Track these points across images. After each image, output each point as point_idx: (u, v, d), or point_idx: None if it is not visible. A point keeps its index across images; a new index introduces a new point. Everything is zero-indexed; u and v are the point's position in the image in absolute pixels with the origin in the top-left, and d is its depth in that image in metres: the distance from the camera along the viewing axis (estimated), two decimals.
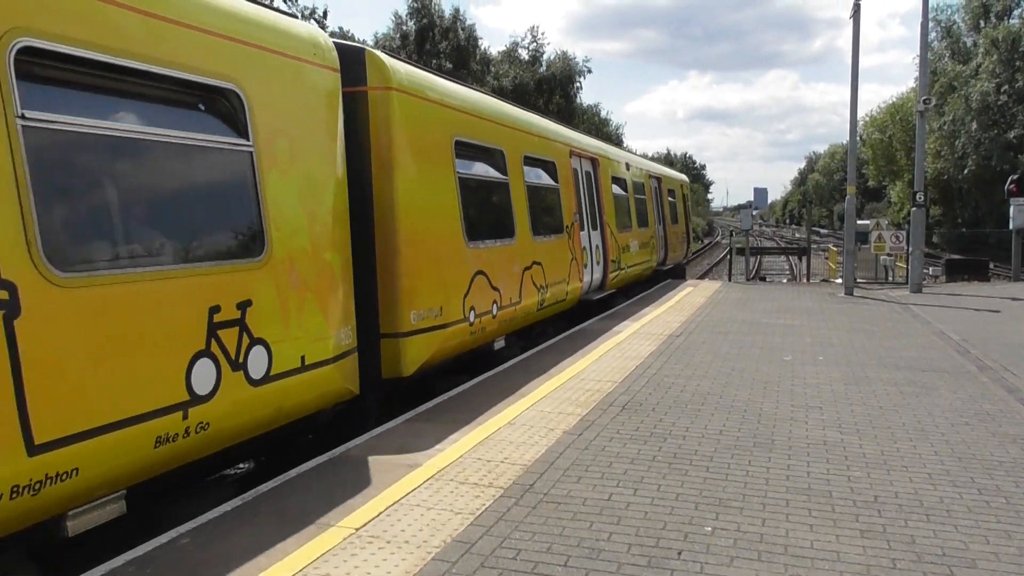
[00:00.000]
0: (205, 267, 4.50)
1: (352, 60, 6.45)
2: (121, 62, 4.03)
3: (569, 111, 46.06)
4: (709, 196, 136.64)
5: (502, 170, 9.27)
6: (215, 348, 4.49)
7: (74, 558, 4.08)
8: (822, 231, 79.36)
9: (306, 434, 5.96)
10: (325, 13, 29.10)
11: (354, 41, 6.35)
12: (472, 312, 7.93)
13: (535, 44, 48.05)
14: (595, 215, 13.36)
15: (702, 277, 28.30)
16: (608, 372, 7.79)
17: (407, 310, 6.80)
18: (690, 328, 10.74)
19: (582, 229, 12.29)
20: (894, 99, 53.50)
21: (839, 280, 18.79)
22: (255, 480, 5.19)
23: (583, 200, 12.66)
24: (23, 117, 3.51)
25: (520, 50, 47.92)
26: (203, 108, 4.72)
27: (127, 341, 3.95)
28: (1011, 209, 18.78)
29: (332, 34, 4.85)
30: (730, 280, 23.36)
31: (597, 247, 13.19)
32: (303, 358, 5.30)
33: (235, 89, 4.81)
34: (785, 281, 27.54)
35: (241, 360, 4.70)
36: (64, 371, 3.62)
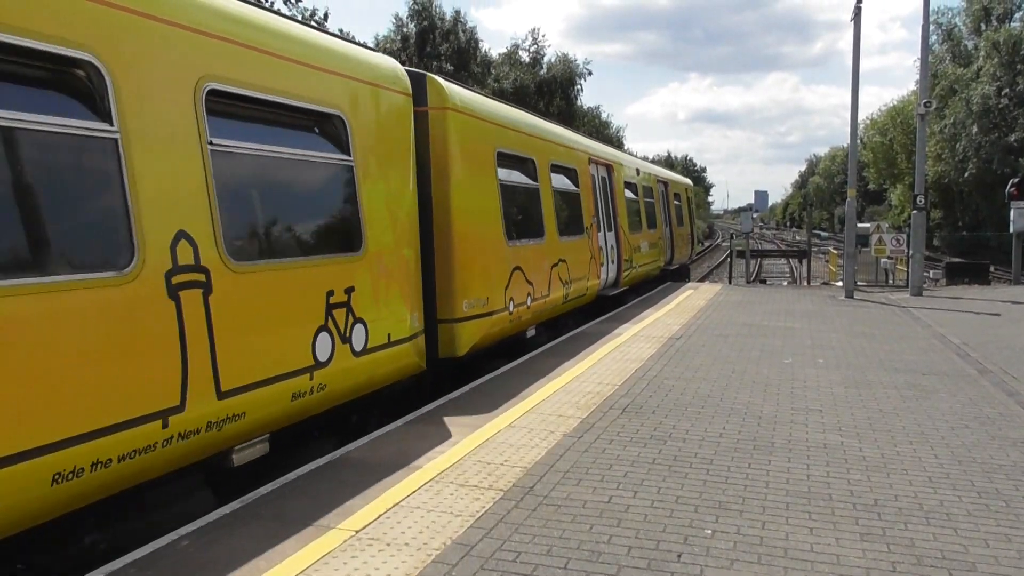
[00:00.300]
0: (324, 259, 5.64)
1: (415, 84, 7.33)
2: (270, 97, 5.16)
3: (570, 113, 46.08)
4: (710, 199, 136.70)
5: (533, 177, 10.23)
6: (331, 324, 5.59)
7: (75, 559, 4.09)
8: (822, 234, 79.39)
9: (357, 413, 6.59)
10: (326, 15, 29.21)
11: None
12: (511, 303, 8.95)
13: (536, 46, 48.08)
14: (610, 217, 14.25)
15: (703, 280, 28.30)
16: (608, 375, 7.79)
17: (461, 299, 7.81)
18: (690, 331, 10.75)
19: (599, 230, 13.14)
20: (895, 102, 53.55)
21: (839, 283, 18.79)
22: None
23: (600, 204, 13.52)
24: (211, 144, 4.61)
25: (521, 52, 47.96)
26: (317, 131, 5.82)
27: (275, 315, 5.06)
28: (1012, 212, 18.78)
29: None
30: (730, 283, 23.35)
31: (612, 247, 14.07)
32: (389, 335, 6.39)
33: (341, 115, 5.92)
34: (785, 284, 27.55)
35: (348, 335, 5.80)
36: (237, 336, 4.67)
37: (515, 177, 9.62)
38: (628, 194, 15.83)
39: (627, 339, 9.98)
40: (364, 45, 7.02)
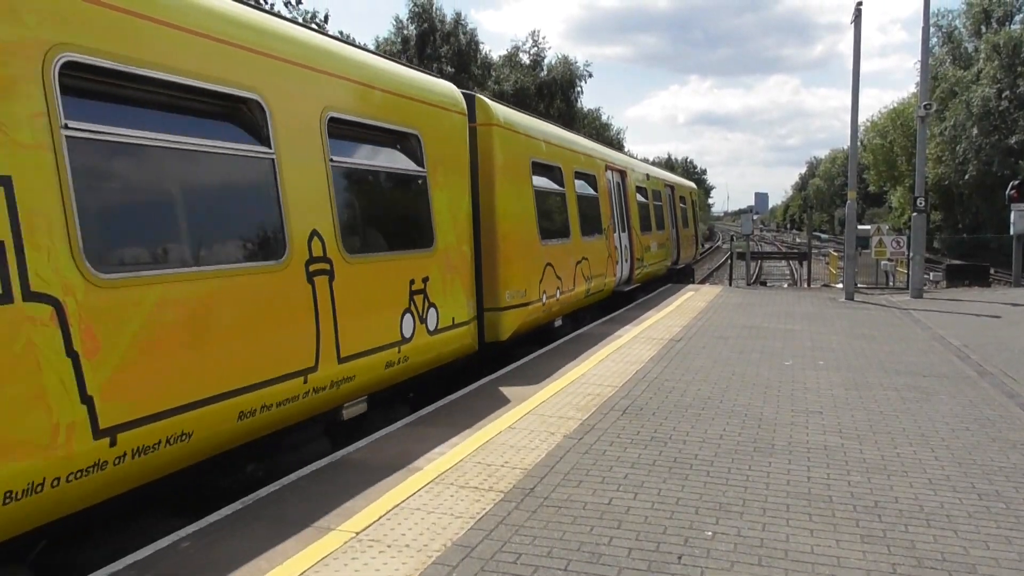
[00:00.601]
0: (408, 253, 6.79)
1: (466, 103, 8.33)
2: (369, 121, 6.33)
3: (570, 116, 46.10)
4: (710, 201, 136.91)
5: (560, 183, 11.33)
6: (412, 307, 6.70)
7: (73, 561, 4.10)
8: (823, 236, 79.31)
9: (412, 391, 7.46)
10: (326, 17, 29.29)
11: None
12: (544, 295, 9.98)
13: (536, 48, 48.15)
14: (624, 219, 15.24)
15: (703, 281, 28.29)
16: (609, 376, 7.79)
17: (504, 290, 8.81)
18: (691, 333, 10.75)
19: (614, 231, 14.12)
20: (895, 104, 53.52)
21: (840, 285, 18.79)
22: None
23: (615, 206, 14.52)
24: (331, 160, 5.68)
25: (521, 54, 48.04)
26: (399, 148, 6.90)
27: (375, 298, 6.17)
28: (1012, 215, 18.76)
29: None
30: (731, 285, 23.34)
31: (625, 247, 15.07)
32: (453, 319, 7.48)
33: (417, 134, 7.02)
34: (786, 286, 27.53)
35: (424, 317, 6.89)
36: (350, 314, 5.73)
37: (546, 183, 10.65)
38: (639, 198, 16.83)
39: (628, 341, 9.99)
40: (429, 72, 8.06)
